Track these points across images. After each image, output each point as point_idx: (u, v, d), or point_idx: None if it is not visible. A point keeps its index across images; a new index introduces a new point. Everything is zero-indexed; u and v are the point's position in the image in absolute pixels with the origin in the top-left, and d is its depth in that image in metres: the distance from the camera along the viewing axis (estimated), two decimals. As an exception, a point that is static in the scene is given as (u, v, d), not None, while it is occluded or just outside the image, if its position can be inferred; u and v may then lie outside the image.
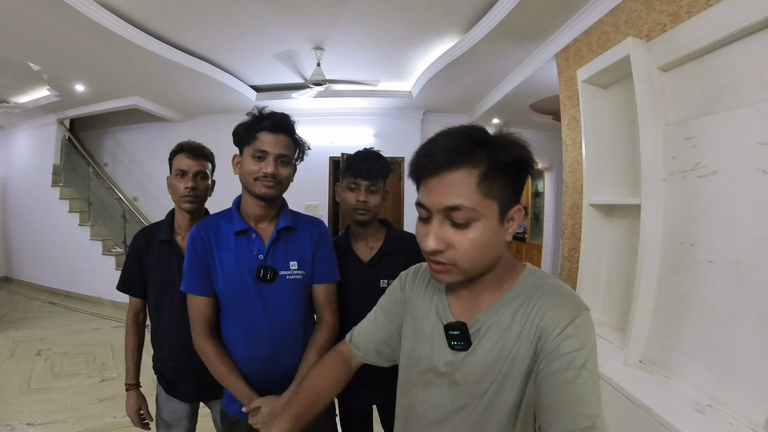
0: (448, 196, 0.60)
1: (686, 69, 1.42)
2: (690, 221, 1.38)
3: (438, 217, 0.62)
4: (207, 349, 1.10)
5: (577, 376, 0.56)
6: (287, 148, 1.11)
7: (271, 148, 1.07)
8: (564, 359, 0.58)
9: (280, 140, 1.09)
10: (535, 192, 6.97)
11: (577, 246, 2.30)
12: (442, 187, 0.61)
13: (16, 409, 2.58)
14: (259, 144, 1.07)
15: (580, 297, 0.65)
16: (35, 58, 3.54)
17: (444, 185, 0.61)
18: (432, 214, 0.62)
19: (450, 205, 0.60)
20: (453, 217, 0.60)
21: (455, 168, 0.60)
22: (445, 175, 0.61)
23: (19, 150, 6.00)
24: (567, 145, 2.56)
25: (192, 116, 5.41)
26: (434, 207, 0.62)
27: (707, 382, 1.28)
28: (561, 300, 0.63)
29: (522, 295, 0.67)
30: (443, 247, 0.61)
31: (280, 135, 1.09)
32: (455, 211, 0.60)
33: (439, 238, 0.62)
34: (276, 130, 1.09)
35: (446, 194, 0.60)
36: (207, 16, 2.94)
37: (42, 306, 5.00)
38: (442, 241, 0.61)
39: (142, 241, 1.40)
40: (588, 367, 0.57)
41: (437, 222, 0.62)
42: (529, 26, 2.65)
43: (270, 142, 1.07)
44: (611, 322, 1.82)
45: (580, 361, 0.57)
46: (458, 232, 0.61)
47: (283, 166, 1.11)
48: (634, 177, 1.64)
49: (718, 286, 1.27)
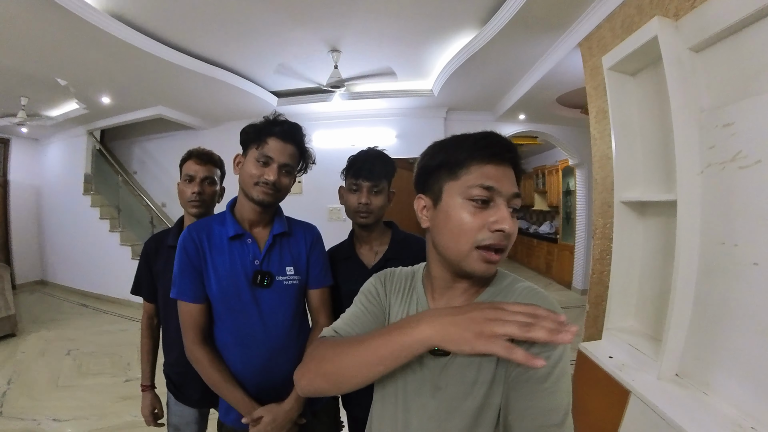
0: (514, 184, 0.66)
1: (720, 48, 1.29)
2: (731, 219, 1.24)
3: (504, 203, 0.64)
4: (200, 357, 1.07)
5: (548, 374, 0.58)
6: (293, 158, 1.10)
7: (277, 155, 1.06)
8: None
9: (287, 149, 1.08)
10: (566, 190, 6.68)
11: (608, 247, 2.16)
12: (506, 175, 0.66)
13: (42, 404, 2.70)
14: (266, 149, 1.06)
15: (554, 300, 0.66)
16: (62, 73, 3.69)
17: (506, 174, 0.66)
18: (494, 198, 0.64)
19: (516, 191, 0.66)
20: (515, 203, 0.65)
21: (510, 163, 0.67)
22: (504, 166, 0.66)
23: (52, 160, 6.33)
24: (595, 139, 2.42)
25: (216, 123, 5.53)
26: (505, 191, 0.64)
27: (750, 400, 1.15)
28: (534, 302, 0.62)
29: (498, 297, 0.69)
30: (513, 231, 0.64)
31: (289, 144, 1.08)
32: (517, 198, 0.66)
33: (514, 221, 0.65)
34: (285, 138, 1.08)
35: (513, 181, 0.66)
36: (222, 24, 2.98)
37: (73, 308, 5.23)
38: (513, 226, 0.64)
39: (151, 247, 1.44)
40: (560, 367, 0.59)
41: (504, 207, 0.64)
42: (548, 15, 2.53)
43: (277, 149, 1.06)
44: (644, 330, 1.68)
45: (553, 360, 0.58)
46: (512, 219, 0.65)
47: (285, 176, 1.09)
48: (667, 171, 1.52)
49: (763, 293, 1.13)
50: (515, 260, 8.76)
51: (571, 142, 5.54)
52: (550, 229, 7.68)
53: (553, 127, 5.41)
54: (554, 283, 6.58)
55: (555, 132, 5.44)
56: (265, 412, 1.04)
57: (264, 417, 1.03)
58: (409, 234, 1.33)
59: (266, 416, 1.03)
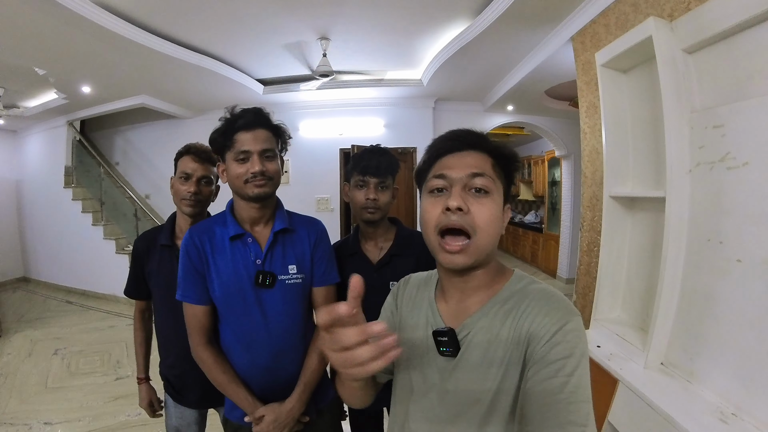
0: (472, 166, 0.66)
1: (713, 51, 1.32)
2: (718, 216, 1.29)
3: (459, 186, 0.65)
4: (206, 358, 1.07)
5: (566, 383, 0.55)
6: (268, 141, 1.06)
7: (251, 145, 1.03)
8: (553, 367, 0.57)
9: (259, 135, 1.05)
10: (551, 180, 6.78)
11: (596, 240, 2.22)
12: (466, 160, 0.67)
13: (33, 408, 2.65)
14: (239, 145, 1.03)
15: (570, 302, 0.64)
16: (40, 62, 3.55)
17: (466, 159, 0.68)
18: (452, 184, 0.66)
19: (475, 171, 0.66)
20: (475, 183, 0.65)
21: (476, 149, 0.69)
22: (467, 153, 0.69)
23: (32, 153, 6.11)
24: (585, 134, 2.45)
25: (200, 112, 5.41)
26: (459, 173, 0.66)
27: (732, 389, 1.21)
28: (550, 306, 0.62)
29: (511, 300, 0.66)
30: (466, 209, 0.63)
31: (258, 130, 1.05)
32: (478, 177, 0.65)
33: (463, 198, 0.64)
34: (252, 126, 1.04)
35: (470, 165, 0.67)
36: (209, 11, 2.89)
37: (59, 305, 5.12)
38: (465, 204, 0.64)
39: (142, 246, 1.40)
40: (577, 375, 0.56)
41: (458, 188, 0.65)
42: (542, 8, 2.54)
43: (249, 140, 1.03)
44: (632, 321, 1.75)
45: (569, 368, 0.56)
46: (477, 200, 0.65)
47: (269, 161, 1.06)
48: (657, 168, 1.56)
49: (746, 287, 1.19)
50: (500, 248, 8.90)
51: (558, 134, 5.61)
52: (535, 218, 7.82)
53: (541, 119, 5.47)
54: (540, 272, 6.72)
55: (542, 123, 5.51)
56: (267, 411, 1.05)
57: (266, 416, 1.04)
58: (414, 230, 1.35)
59: (268, 415, 1.04)
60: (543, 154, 7.02)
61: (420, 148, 5.12)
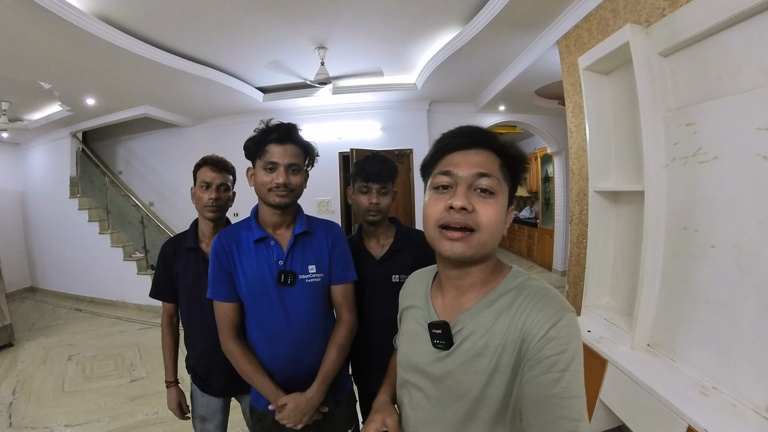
0: (479, 166, 0.66)
1: (686, 54, 1.42)
2: (692, 207, 1.39)
3: (464, 185, 0.66)
4: (234, 350, 1.16)
5: (559, 378, 0.56)
6: (296, 156, 1.15)
7: (280, 158, 1.12)
8: (546, 362, 0.57)
9: (288, 150, 1.13)
10: (545, 177, 6.89)
11: (584, 232, 2.32)
12: (473, 159, 0.67)
13: (53, 411, 2.73)
14: (268, 156, 1.12)
15: (564, 299, 0.64)
16: (45, 76, 3.64)
17: (473, 157, 0.67)
18: (457, 182, 0.66)
19: (482, 171, 0.66)
20: (481, 183, 0.65)
21: (484, 148, 0.68)
22: (475, 151, 0.68)
23: (35, 165, 6.15)
24: (572, 132, 2.56)
25: (201, 120, 5.49)
26: (465, 171, 0.66)
27: (711, 365, 1.31)
28: (544, 302, 0.63)
29: (506, 296, 0.67)
30: (471, 208, 0.64)
31: (288, 145, 1.14)
32: (484, 177, 0.65)
33: (467, 198, 0.65)
34: (283, 140, 1.13)
35: (477, 164, 0.66)
36: (209, 23, 2.99)
37: (68, 313, 5.19)
38: (469, 203, 0.64)
39: (170, 250, 1.51)
40: (571, 370, 0.57)
41: (463, 188, 0.66)
42: (530, 14, 2.65)
43: (279, 153, 1.12)
44: (619, 306, 1.85)
45: (563, 364, 0.57)
46: (482, 200, 0.65)
47: (294, 175, 1.15)
48: (637, 164, 1.66)
49: (720, 271, 1.29)
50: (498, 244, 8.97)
51: (549, 131, 5.72)
52: (530, 214, 7.92)
53: (532, 117, 5.58)
54: (536, 266, 6.81)
55: (533, 121, 5.62)
56: (289, 399, 1.12)
57: (288, 404, 1.12)
58: (411, 228, 1.47)
59: (290, 403, 1.12)
60: (535, 151, 7.12)
61: (416, 149, 5.24)
